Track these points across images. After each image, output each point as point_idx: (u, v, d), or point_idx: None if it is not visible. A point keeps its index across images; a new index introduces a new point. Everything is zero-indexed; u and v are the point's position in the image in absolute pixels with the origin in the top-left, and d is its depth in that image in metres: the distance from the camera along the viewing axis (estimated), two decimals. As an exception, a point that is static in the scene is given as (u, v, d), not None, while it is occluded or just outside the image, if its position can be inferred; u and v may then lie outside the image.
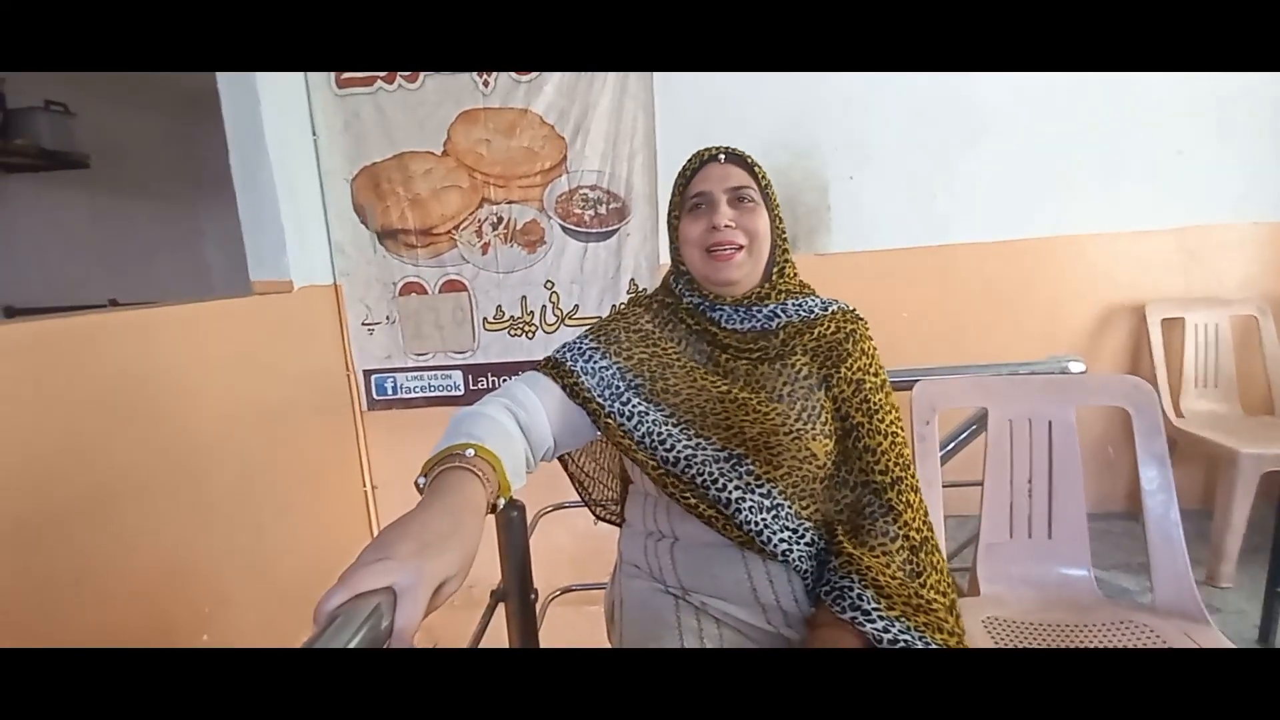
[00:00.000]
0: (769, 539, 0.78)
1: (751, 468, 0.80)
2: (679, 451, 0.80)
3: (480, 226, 2.20)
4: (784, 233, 0.90)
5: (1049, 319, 2.19)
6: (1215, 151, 2.06)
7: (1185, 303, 2.13)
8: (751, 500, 0.79)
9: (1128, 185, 2.10)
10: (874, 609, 0.72)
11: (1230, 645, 0.99)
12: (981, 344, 2.16)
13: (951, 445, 1.46)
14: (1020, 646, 1.04)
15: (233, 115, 1.90)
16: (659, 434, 0.81)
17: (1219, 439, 1.87)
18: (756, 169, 0.88)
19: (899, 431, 0.85)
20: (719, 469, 0.80)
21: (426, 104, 2.13)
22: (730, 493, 0.79)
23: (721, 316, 0.87)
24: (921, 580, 0.77)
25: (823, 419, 0.83)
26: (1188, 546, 1.10)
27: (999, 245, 2.15)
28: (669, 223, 0.92)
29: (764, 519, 0.79)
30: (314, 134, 2.15)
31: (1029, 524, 1.18)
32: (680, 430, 0.82)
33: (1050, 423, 1.17)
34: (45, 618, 1.19)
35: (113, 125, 2.78)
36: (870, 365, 0.87)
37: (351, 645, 0.45)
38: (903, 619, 0.72)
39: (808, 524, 0.80)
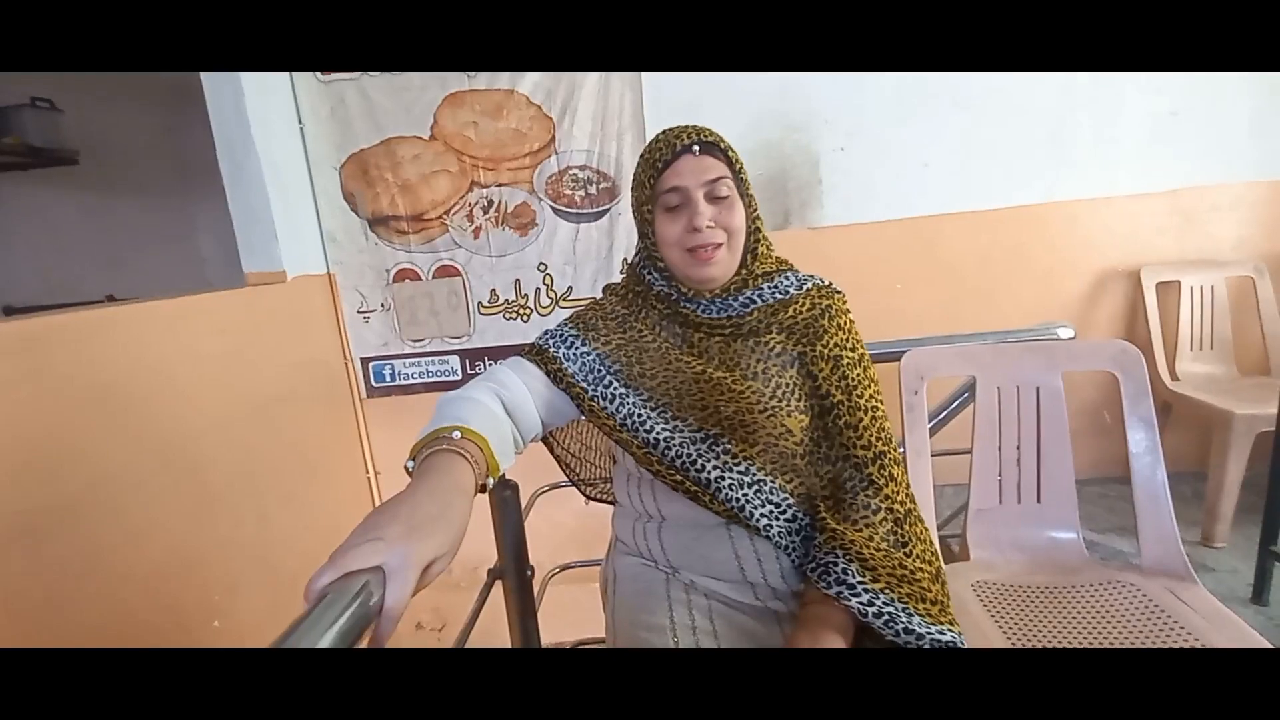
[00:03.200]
0: (751, 513, 0.80)
1: (728, 446, 0.81)
2: (657, 434, 0.82)
3: (471, 210, 2.19)
4: (757, 214, 0.87)
5: (1043, 287, 2.19)
6: (1208, 111, 2.04)
7: (1180, 265, 2.13)
8: (731, 478, 0.80)
9: (1120, 148, 2.08)
10: (859, 582, 0.73)
11: (1217, 604, 1.00)
12: (976, 313, 2.16)
13: (943, 414, 1.47)
14: (1008, 609, 1.06)
15: (217, 107, 1.88)
16: (638, 415, 0.83)
17: (1214, 401, 1.87)
18: (731, 154, 0.84)
19: (879, 406, 0.85)
20: (696, 450, 0.81)
21: (412, 88, 2.11)
22: (709, 473, 0.80)
23: (697, 306, 0.87)
24: (906, 550, 0.78)
25: (797, 395, 0.84)
26: (1184, 508, 1.11)
27: (992, 214, 2.14)
28: (640, 215, 0.87)
29: (745, 494, 0.80)
30: (300, 122, 2.13)
31: (1018, 489, 1.19)
32: (658, 414, 0.83)
33: (1038, 389, 1.18)
34: (56, 610, 1.21)
35: (99, 120, 2.76)
36: (847, 340, 0.87)
37: (340, 622, 0.46)
38: (887, 590, 0.73)
39: (790, 499, 0.81)
